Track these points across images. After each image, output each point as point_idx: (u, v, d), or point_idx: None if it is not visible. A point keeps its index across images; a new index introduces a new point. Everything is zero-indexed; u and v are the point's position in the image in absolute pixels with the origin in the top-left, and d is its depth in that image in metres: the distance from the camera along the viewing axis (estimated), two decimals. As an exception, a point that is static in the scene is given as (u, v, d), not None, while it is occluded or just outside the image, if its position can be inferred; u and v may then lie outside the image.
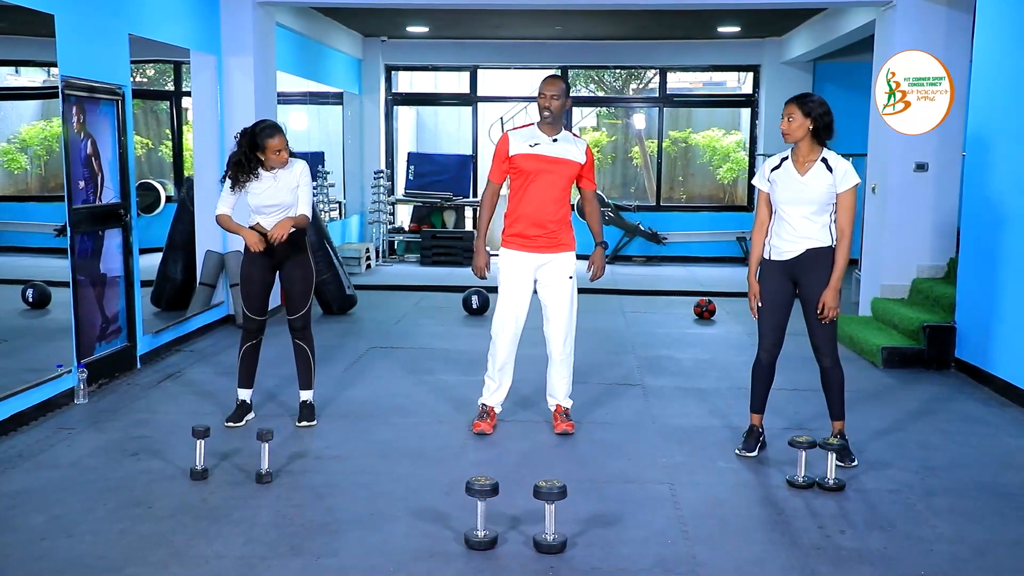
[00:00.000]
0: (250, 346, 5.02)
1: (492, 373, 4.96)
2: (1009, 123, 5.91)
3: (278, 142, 4.70)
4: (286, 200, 4.82)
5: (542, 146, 4.76)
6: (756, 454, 4.55)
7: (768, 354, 4.48)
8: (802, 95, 4.34)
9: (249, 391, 5.10)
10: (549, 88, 4.75)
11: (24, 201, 8.42)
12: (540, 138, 4.78)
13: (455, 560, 3.42)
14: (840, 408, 4.49)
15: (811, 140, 4.28)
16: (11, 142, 8.28)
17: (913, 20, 7.57)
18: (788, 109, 4.29)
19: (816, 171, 4.27)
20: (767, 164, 4.44)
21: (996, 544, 3.62)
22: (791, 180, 4.29)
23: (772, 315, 4.42)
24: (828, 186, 4.24)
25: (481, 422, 4.92)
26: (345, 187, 12.40)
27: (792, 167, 4.32)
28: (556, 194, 4.76)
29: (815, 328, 4.38)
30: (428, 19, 11.01)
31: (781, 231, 4.35)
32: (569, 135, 4.88)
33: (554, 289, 4.82)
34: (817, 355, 4.44)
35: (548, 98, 4.75)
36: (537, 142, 4.76)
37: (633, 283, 10.53)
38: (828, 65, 12.14)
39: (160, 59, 11.11)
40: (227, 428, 4.93)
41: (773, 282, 4.40)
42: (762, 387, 4.57)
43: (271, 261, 4.91)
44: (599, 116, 14.46)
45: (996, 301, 5.92)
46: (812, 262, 4.30)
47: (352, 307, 8.54)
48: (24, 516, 3.76)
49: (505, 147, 4.80)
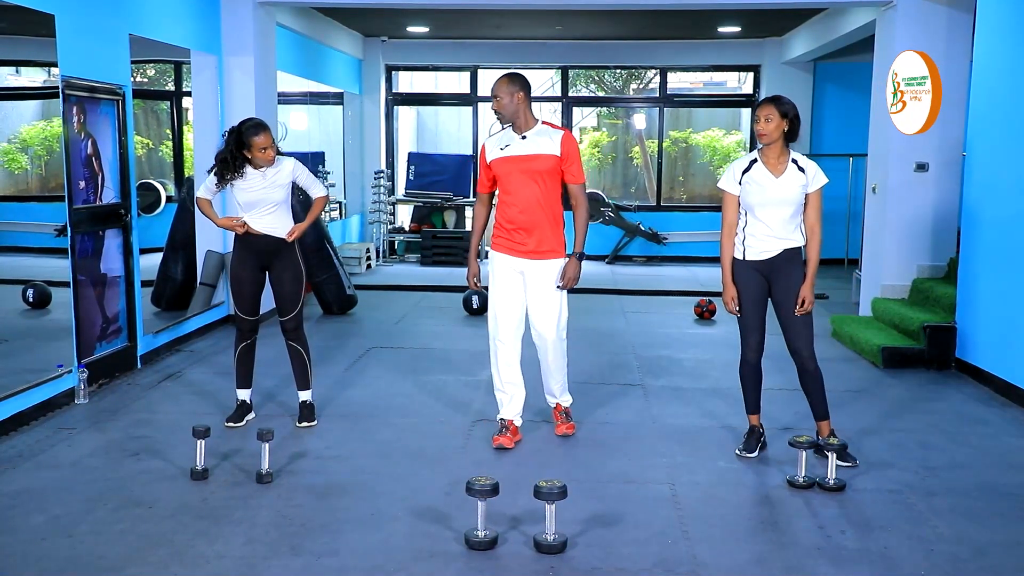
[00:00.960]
0: (245, 346, 5.02)
1: (500, 384, 4.73)
2: (1009, 123, 5.91)
3: (263, 140, 4.69)
4: (275, 197, 4.82)
5: (512, 146, 4.56)
6: (757, 455, 4.55)
7: (756, 353, 4.49)
8: (775, 96, 4.34)
9: (248, 391, 5.11)
10: (494, 90, 4.55)
11: (24, 201, 8.42)
12: (511, 139, 4.59)
13: (455, 560, 3.42)
14: (825, 407, 4.51)
15: (783, 141, 4.29)
16: (11, 142, 8.27)
17: (913, 20, 7.57)
18: (766, 110, 4.26)
19: (790, 173, 4.29)
20: (735, 166, 4.39)
21: (996, 544, 3.62)
22: (767, 182, 4.29)
23: (754, 313, 4.43)
24: (801, 187, 4.28)
25: (500, 436, 4.67)
26: (345, 187, 12.40)
27: (765, 169, 4.30)
28: (538, 194, 4.54)
29: (794, 328, 4.38)
30: (428, 19, 11.01)
31: (756, 231, 4.34)
32: (545, 127, 4.59)
33: (539, 298, 4.63)
34: (798, 357, 4.43)
35: (494, 101, 4.55)
36: (507, 143, 4.58)
37: (633, 283, 10.53)
38: (828, 65, 12.13)
39: (160, 59, 11.10)
40: (227, 428, 4.93)
41: (751, 281, 4.40)
42: (754, 387, 4.57)
43: (260, 261, 4.91)
44: (599, 116, 14.46)
45: (996, 301, 5.92)
46: (787, 262, 4.34)
47: (352, 307, 8.55)
48: (24, 516, 3.76)
49: (484, 155, 4.67)
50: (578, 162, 4.60)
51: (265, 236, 4.85)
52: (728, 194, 4.39)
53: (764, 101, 4.32)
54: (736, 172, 4.37)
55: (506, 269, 4.64)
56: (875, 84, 8.07)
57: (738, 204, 4.38)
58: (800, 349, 4.40)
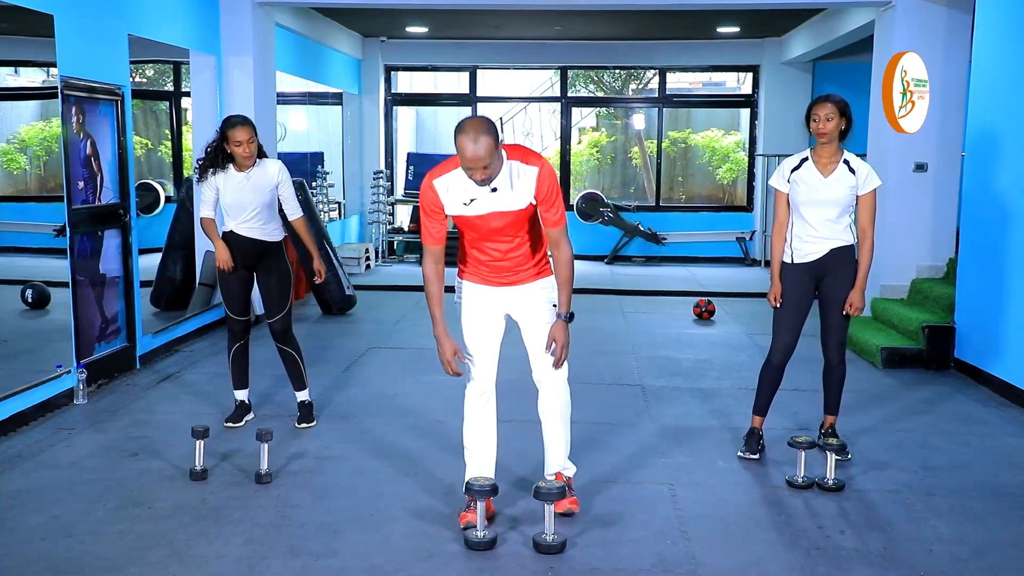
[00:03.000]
0: (239, 347, 5.00)
1: (469, 440, 3.83)
2: (1009, 123, 5.91)
3: (240, 133, 4.60)
4: (258, 200, 4.76)
5: (479, 201, 3.51)
6: (759, 456, 4.54)
7: (782, 355, 4.45)
8: (829, 95, 4.29)
9: (245, 391, 5.09)
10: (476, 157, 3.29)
11: (23, 201, 8.41)
12: (474, 191, 3.49)
13: (455, 560, 3.42)
14: (837, 403, 4.58)
15: (838, 141, 4.27)
16: (10, 142, 8.27)
17: (913, 20, 7.58)
18: (825, 109, 4.20)
19: (839, 173, 4.24)
20: (786, 164, 4.36)
21: (996, 544, 3.62)
22: (814, 181, 4.25)
23: (791, 317, 4.39)
24: (851, 188, 4.23)
25: (468, 512, 3.66)
26: (344, 187, 12.40)
27: (815, 168, 4.27)
28: (517, 241, 3.63)
29: (831, 326, 4.40)
30: (428, 19, 11.01)
31: (803, 233, 4.32)
32: (515, 165, 3.47)
33: (536, 323, 3.71)
34: (827, 352, 4.47)
35: (478, 171, 3.34)
36: (473, 197, 3.50)
37: (633, 283, 10.53)
38: (828, 65, 12.14)
39: (159, 59, 11.10)
40: (226, 428, 4.92)
41: (797, 287, 4.37)
42: (770, 390, 4.55)
43: (247, 262, 4.87)
44: (599, 116, 14.46)
45: (996, 301, 5.92)
46: (836, 260, 4.31)
47: (351, 307, 8.54)
48: (24, 516, 3.76)
49: (435, 199, 3.55)
50: (557, 202, 3.54)
51: (252, 239, 4.81)
52: (779, 192, 4.37)
53: (820, 100, 4.25)
54: (785, 170, 4.34)
55: (483, 299, 3.74)
56: (874, 84, 8.07)
57: (788, 202, 4.35)
58: (832, 344, 4.43)
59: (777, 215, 4.40)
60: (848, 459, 4.45)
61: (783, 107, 12.16)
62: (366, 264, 11.41)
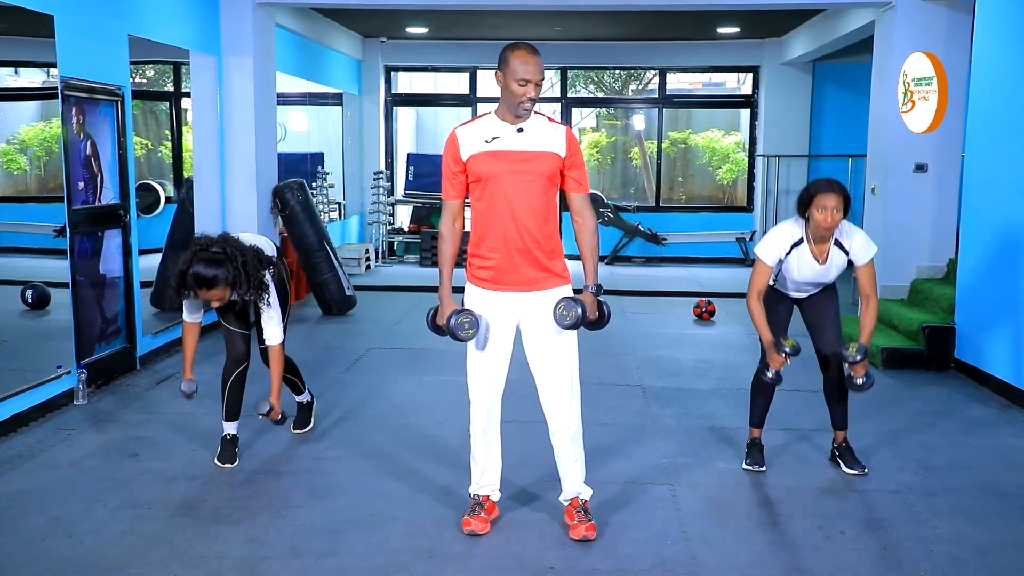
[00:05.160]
0: (238, 374, 4.50)
1: (476, 452, 3.75)
2: (1009, 123, 5.91)
3: (216, 294, 4.04)
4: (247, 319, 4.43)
5: (503, 138, 3.42)
6: (765, 468, 4.41)
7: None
8: (833, 182, 4.03)
9: (236, 423, 4.52)
10: (532, 71, 3.34)
11: (23, 202, 8.42)
12: (500, 129, 3.44)
13: (455, 560, 3.42)
14: (845, 416, 4.44)
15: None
16: (11, 143, 8.28)
17: (913, 20, 7.58)
18: (833, 201, 3.94)
19: (833, 256, 4.13)
20: (778, 245, 4.12)
21: (996, 545, 3.62)
22: (809, 265, 4.14)
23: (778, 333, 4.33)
24: (844, 263, 4.18)
25: (472, 518, 3.67)
26: (345, 188, 12.40)
27: (809, 255, 4.12)
28: (535, 203, 3.43)
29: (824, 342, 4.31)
30: (428, 20, 11.01)
31: (788, 285, 4.30)
32: (542, 120, 3.48)
33: (546, 342, 3.53)
34: (825, 368, 4.36)
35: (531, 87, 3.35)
36: (496, 135, 3.43)
37: (633, 283, 10.52)
38: (828, 66, 12.14)
39: (160, 60, 11.11)
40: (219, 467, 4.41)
41: (781, 304, 4.35)
42: (764, 401, 4.50)
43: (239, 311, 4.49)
44: (599, 117, 14.46)
45: (996, 301, 5.92)
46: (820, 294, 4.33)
47: (352, 308, 8.55)
48: (24, 516, 3.76)
49: (455, 149, 3.48)
50: (583, 166, 3.55)
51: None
52: (763, 264, 4.14)
53: (826, 191, 3.96)
54: (780, 250, 4.13)
55: (492, 309, 3.59)
56: (874, 85, 8.07)
57: (769, 271, 4.17)
58: (829, 356, 4.32)
59: (756, 283, 4.15)
60: (865, 474, 4.36)
61: (783, 107, 12.17)
62: (366, 265, 11.41)
